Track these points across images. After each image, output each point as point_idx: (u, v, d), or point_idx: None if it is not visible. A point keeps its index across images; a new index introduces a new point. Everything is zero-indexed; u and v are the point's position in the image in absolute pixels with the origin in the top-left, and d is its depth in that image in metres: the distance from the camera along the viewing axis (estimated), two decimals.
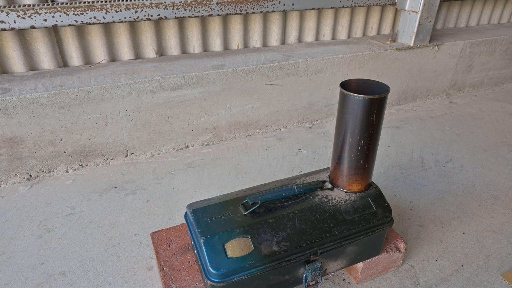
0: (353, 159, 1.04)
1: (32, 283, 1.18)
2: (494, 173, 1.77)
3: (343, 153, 1.05)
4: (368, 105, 0.96)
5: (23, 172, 1.66)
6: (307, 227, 1.00)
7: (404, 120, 2.32)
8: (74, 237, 1.36)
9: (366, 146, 1.02)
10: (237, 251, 0.92)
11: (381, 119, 1.01)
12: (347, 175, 1.08)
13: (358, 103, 0.96)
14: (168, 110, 1.83)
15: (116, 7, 1.67)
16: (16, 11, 1.52)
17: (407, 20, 2.35)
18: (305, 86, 2.12)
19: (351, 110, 0.98)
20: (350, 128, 1.01)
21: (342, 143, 1.05)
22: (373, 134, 1.01)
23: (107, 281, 1.19)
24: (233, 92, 1.94)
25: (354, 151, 1.03)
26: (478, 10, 2.96)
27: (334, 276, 1.21)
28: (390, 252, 1.18)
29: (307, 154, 1.92)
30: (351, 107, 0.98)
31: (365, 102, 0.95)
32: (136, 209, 1.51)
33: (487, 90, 2.84)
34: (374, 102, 0.96)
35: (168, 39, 2.00)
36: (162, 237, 1.19)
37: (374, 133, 1.01)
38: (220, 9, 1.88)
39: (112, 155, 1.81)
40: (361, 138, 1.01)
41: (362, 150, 1.03)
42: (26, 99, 1.53)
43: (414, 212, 1.50)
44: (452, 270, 1.25)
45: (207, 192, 1.62)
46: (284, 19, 2.24)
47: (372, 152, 1.05)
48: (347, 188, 1.09)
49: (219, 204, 1.04)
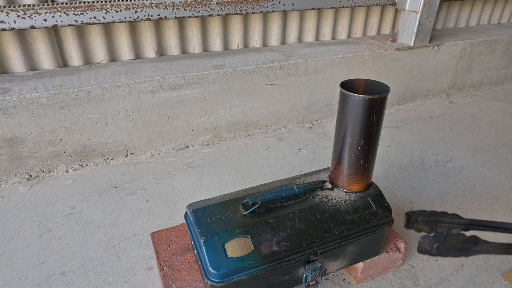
0: (353, 159, 1.04)
1: (32, 283, 1.18)
2: (494, 173, 1.77)
3: (343, 153, 1.05)
4: (368, 105, 0.96)
5: (23, 172, 1.66)
6: (307, 227, 1.00)
7: (404, 120, 2.32)
8: (74, 237, 1.36)
9: (366, 146, 1.02)
10: (237, 251, 0.92)
11: (381, 119, 1.01)
12: (347, 175, 1.07)
13: (358, 103, 0.96)
14: (168, 110, 1.83)
15: (116, 7, 1.67)
16: (16, 11, 1.52)
17: (407, 20, 2.35)
18: (305, 86, 2.12)
19: (351, 110, 0.98)
20: (350, 128, 1.01)
21: (342, 143, 1.04)
22: (373, 134, 1.01)
23: (107, 281, 1.19)
24: (233, 92, 1.94)
25: (354, 151, 1.03)
26: (478, 10, 2.96)
27: (334, 276, 1.21)
28: (390, 252, 1.18)
29: (307, 154, 1.92)
30: (351, 107, 0.98)
31: (365, 102, 0.95)
32: (136, 209, 1.51)
33: (487, 90, 2.84)
34: (374, 102, 0.95)
35: (168, 39, 2.00)
36: (162, 237, 1.19)
37: (374, 133, 1.01)
38: (220, 9, 1.88)
39: (112, 155, 1.81)
40: (361, 138, 1.01)
41: (362, 150, 1.03)
42: (26, 99, 1.53)
43: None
44: (452, 270, 1.25)
45: (207, 192, 1.62)
46: (284, 19, 2.24)
47: (372, 152, 1.05)
48: (347, 188, 1.09)
49: (219, 204, 1.04)
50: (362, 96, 0.95)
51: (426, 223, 0.83)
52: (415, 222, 0.83)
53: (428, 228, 0.83)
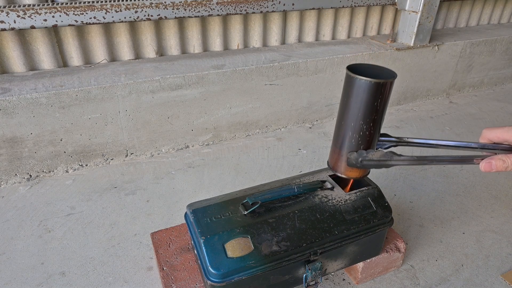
0: (353, 144, 1.02)
1: (32, 283, 1.18)
2: (494, 173, 1.77)
3: (345, 137, 1.02)
4: (374, 89, 0.93)
5: (23, 172, 1.66)
6: (307, 227, 1.00)
7: (404, 120, 2.32)
8: (74, 237, 1.36)
9: (368, 131, 1.00)
10: (237, 251, 0.92)
11: (386, 106, 0.98)
12: (346, 160, 1.06)
13: (364, 87, 0.93)
14: (168, 110, 1.83)
15: (116, 7, 1.67)
16: (16, 11, 1.52)
17: (407, 20, 2.35)
18: (305, 86, 2.12)
19: (355, 93, 0.95)
20: (353, 111, 0.98)
21: (344, 127, 1.02)
22: (376, 120, 0.98)
23: (107, 281, 1.19)
24: (233, 92, 1.94)
25: (356, 136, 1.00)
26: (478, 10, 2.96)
27: (334, 276, 1.21)
28: (390, 252, 1.18)
29: (307, 154, 1.92)
30: (356, 90, 0.95)
31: (371, 85, 0.92)
32: (136, 209, 1.51)
33: (487, 90, 2.84)
34: (380, 87, 0.93)
35: (168, 39, 2.00)
36: (162, 237, 1.19)
37: (377, 119, 0.98)
38: (220, 9, 1.88)
39: (112, 155, 1.81)
40: (363, 123, 0.97)
41: (363, 136, 0.99)
42: (26, 99, 1.53)
43: (414, 212, 1.51)
44: (452, 270, 1.25)
45: (207, 192, 1.62)
46: (284, 19, 2.24)
47: (374, 138, 1.02)
48: (345, 173, 1.06)
49: (219, 204, 1.04)
50: (368, 80, 0.92)
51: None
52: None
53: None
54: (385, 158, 1.00)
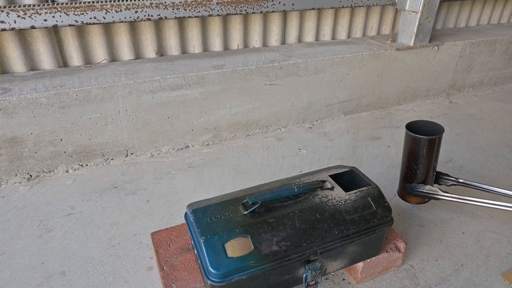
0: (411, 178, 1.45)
1: (32, 283, 1.18)
2: (494, 173, 1.77)
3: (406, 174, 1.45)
4: (427, 143, 1.34)
5: (23, 172, 1.66)
6: (307, 227, 1.00)
7: (404, 120, 2.32)
8: (74, 237, 1.36)
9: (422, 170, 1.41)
10: (237, 251, 0.92)
11: (434, 153, 1.37)
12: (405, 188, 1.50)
13: (418, 141, 1.35)
14: (168, 110, 1.83)
15: (116, 7, 1.67)
16: (16, 11, 1.52)
17: (407, 20, 2.35)
18: (305, 86, 2.12)
19: (413, 146, 1.37)
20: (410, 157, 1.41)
21: (406, 167, 1.45)
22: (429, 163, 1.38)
23: (107, 281, 1.19)
24: (233, 92, 1.94)
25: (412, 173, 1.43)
26: (478, 10, 2.96)
27: (334, 276, 1.21)
28: (390, 252, 1.18)
29: (307, 154, 1.93)
30: (413, 143, 1.37)
31: (424, 140, 1.34)
32: (136, 209, 1.51)
33: (487, 90, 2.85)
34: (431, 141, 1.34)
35: (168, 39, 2.01)
36: (162, 237, 1.19)
37: (426, 163, 1.38)
38: (220, 9, 1.88)
39: (112, 155, 1.81)
40: (419, 164, 1.39)
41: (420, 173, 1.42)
42: (26, 99, 1.53)
43: (414, 212, 1.51)
44: (452, 270, 1.25)
45: (207, 192, 1.62)
46: (284, 19, 2.25)
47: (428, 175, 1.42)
48: (405, 198, 1.52)
49: (219, 204, 1.04)
50: (423, 137, 1.33)
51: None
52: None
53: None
54: (431, 192, 1.41)
